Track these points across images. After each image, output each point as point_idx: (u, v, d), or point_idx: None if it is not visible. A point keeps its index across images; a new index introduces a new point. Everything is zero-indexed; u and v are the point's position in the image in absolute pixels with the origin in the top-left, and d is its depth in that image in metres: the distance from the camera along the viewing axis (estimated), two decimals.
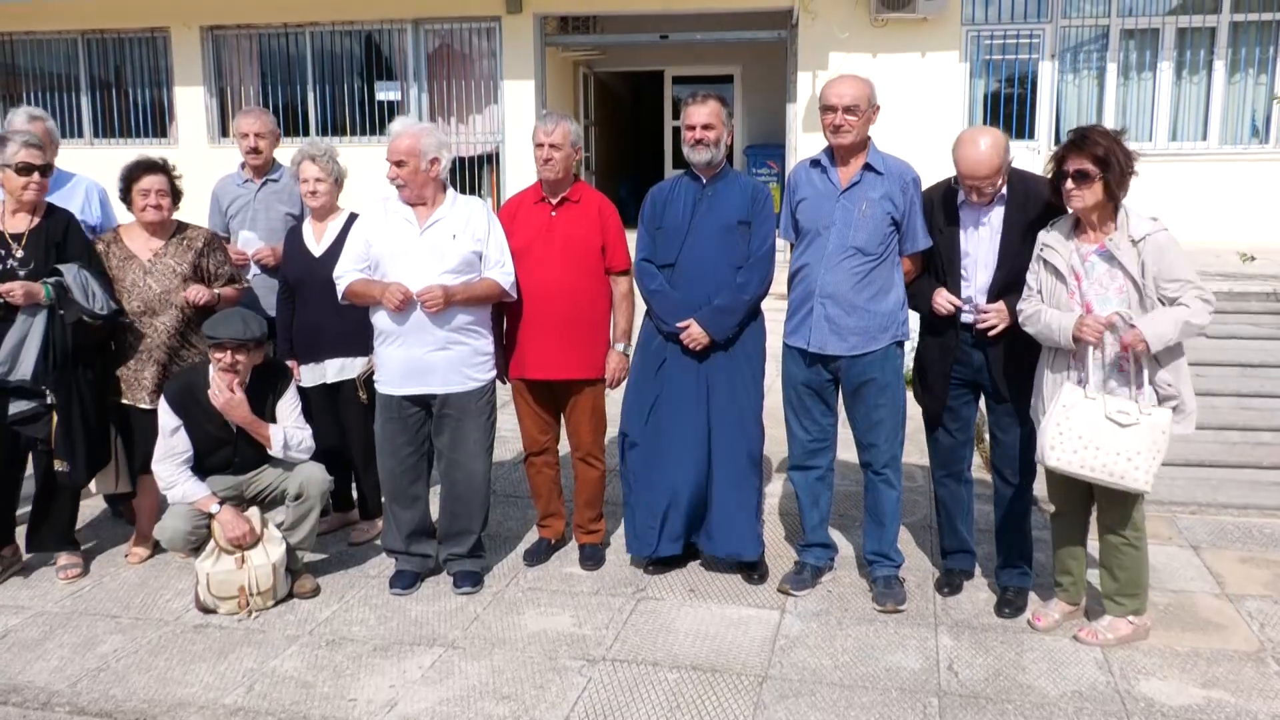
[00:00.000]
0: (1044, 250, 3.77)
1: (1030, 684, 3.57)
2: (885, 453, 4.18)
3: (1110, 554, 3.84)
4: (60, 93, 12.88)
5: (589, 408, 4.48)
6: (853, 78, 4.05)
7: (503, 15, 11.50)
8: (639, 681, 3.61)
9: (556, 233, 4.35)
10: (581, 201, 4.41)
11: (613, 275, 4.43)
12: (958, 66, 10.56)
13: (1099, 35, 10.45)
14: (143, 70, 12.59)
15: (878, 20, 10.48)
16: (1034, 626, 3.96)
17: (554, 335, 4.33)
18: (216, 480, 4.25)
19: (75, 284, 4.24)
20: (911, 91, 10.45)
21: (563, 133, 4.29)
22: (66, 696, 3.57)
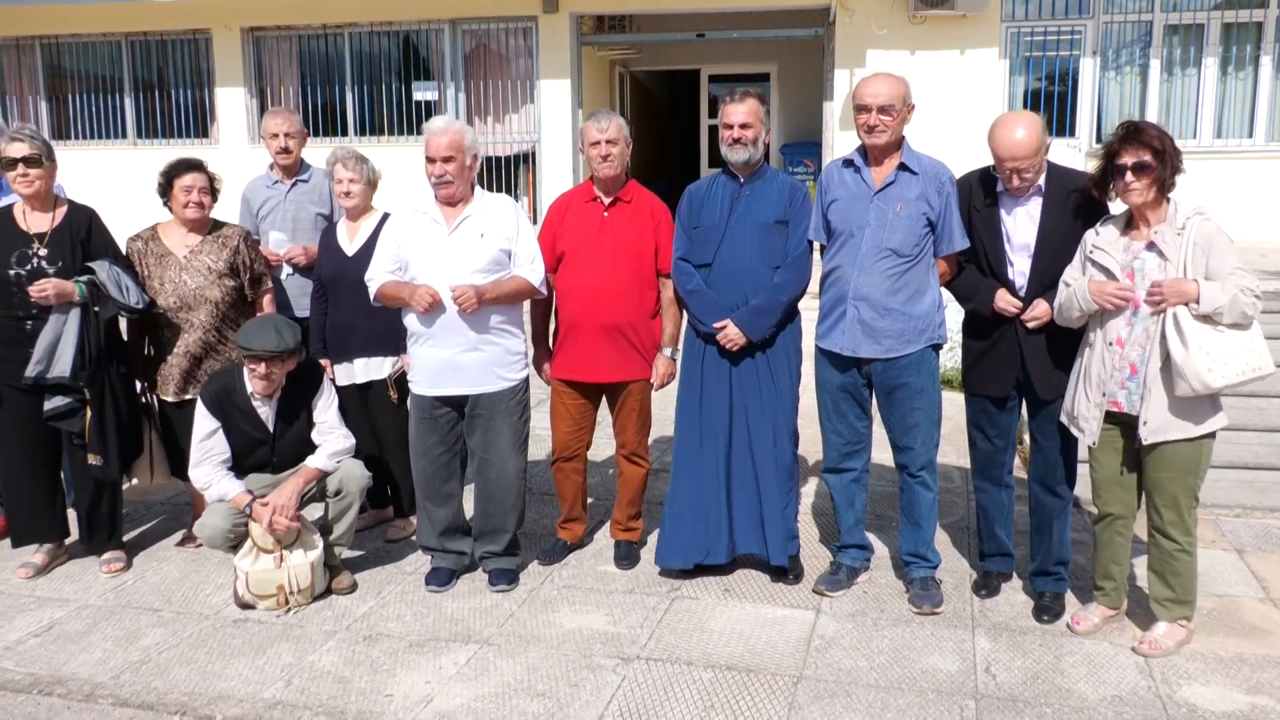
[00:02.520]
0: (1094, 252, 3.68)
1: (1069, 688, 3.53)
2: (921, 455, 4.15)
3: (1164, 560, 3.76)
4: (104, 94, 13.09)
5: (636, 407, 4.49)
6: (887, 76, 4.02)
7: (539, 15, 11.54)
8: (673, 680, 3.62)
9: (608, 234, 4.35)
10: (634, 202, 4.41)
11: (663, 278, 4.43)
12: (997, 64, 10.46)
13: (1142, 31, 10.31)
14: (184, 72, 12.76)
15: (916, 17, 10.41)
16: (1073, 630, 3.92)
17: (603, 337, 4.33)
18: (255, 479, 4.30)
19: (109, 280, 4.33)
20: (950, 89, 10.37)
21: (616, 128, 4.30)
22: (109, 688, 3.63)
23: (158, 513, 5.36)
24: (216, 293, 4.52)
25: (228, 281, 4.56)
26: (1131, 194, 3.57)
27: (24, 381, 4.30)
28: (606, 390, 4.48)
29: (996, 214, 3.95)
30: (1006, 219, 3.95)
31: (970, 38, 10.41)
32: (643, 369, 4.43)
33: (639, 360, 4.41)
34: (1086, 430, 3.75)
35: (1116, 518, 3.87)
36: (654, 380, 4.46)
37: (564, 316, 4.40)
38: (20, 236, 4.36)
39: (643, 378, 4.44)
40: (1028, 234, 3.91)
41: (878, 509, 5.06)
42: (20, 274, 4.30)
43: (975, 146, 10.44)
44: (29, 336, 4.30)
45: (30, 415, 4.39)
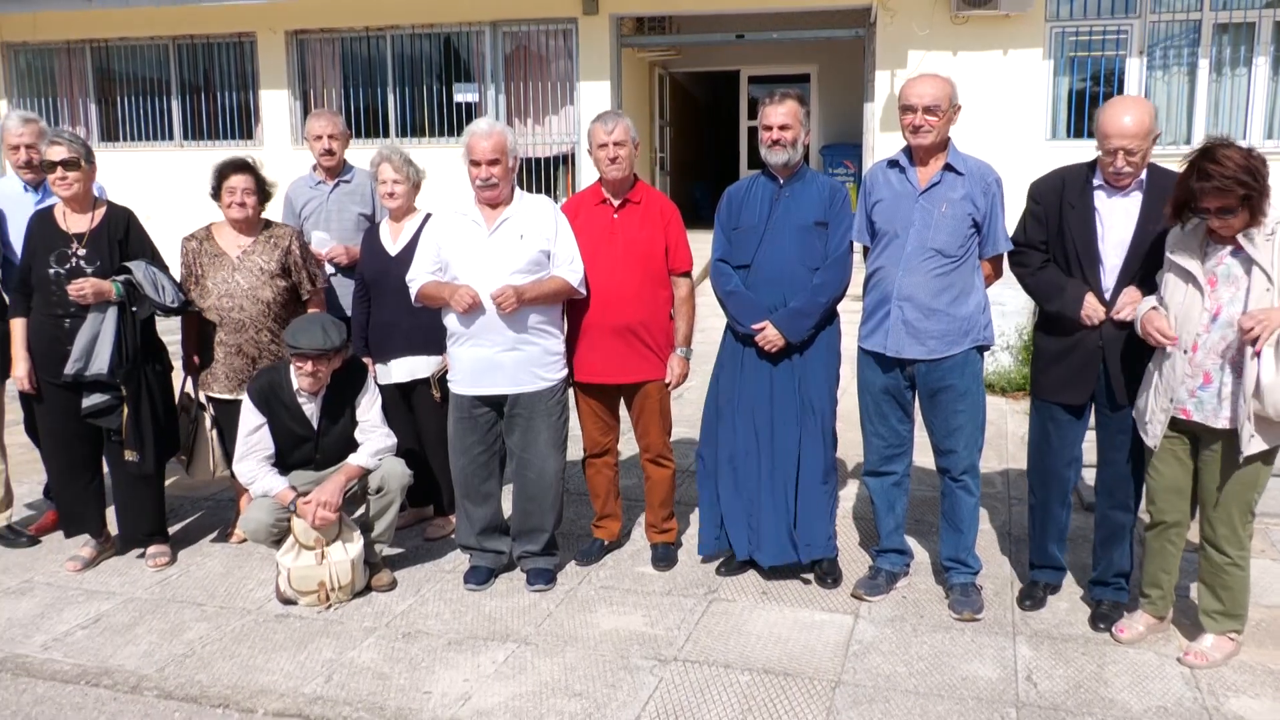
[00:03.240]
0: (1174, 253, 3.55)
1: (1113, 698, 3.48)
2: (964, 459, 4.11)
3: (1215, 573, 3.67)
4: (151, 96, 13.31)
5: (655, 409, 4.48)
6: (933, 77, 3.99)
7: (579, 16, 11.59)
8: (710, 683, 3.61)
9: (619, 235, 4.35)
10: (644, 203, 4.41)
11: (674, 277, 4.43)
12: (1041, 64, 10.35)
13: (1190, 30, 10.16)
14: (230, 74, 12.95)
15: (958, 17, 10.33)
16: (1116, 638, 3.85)
17: (617, 339, 4.34)
18: (298, 475, 4.35)
19: (145, 279, 4.41)
20: (992, 90, 10.28)
21: (623, 129, 4.30)
22: (154, 681, 3.69)
23: (201, 508, 5.43)
24: (268, 293, 4.58)
25: (279, 282, 4.61)
26: (1222, 230, 3.39)
27: (63, 378, 4.38)
28: (623, 391, 4.49)
29: (1091, 209, 3.81)
30: (1102, 214, 3.80)
31: (1014, 38, 10.31)
32: (658, 369, 4.42)
33: (654, 361, 4.41)
34: (1150, 434, 3.66)
35: (1170, 526, 3.78)
36: (669, 380, 4.46)
37: (577, 319, 4.41)
38: (60, 236, 4.45)
39: (658, 378, 4.44)
40: (1124, 230, 3.75)
41: (918, 513, 5.02)
42: (60, 273, 4.39)
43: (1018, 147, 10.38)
44: (68, 335, 4.39)
45: (71, 412, 4.48)
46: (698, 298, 4.55)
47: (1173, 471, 3.69)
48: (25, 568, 4.68)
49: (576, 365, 4.44)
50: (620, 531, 4.80)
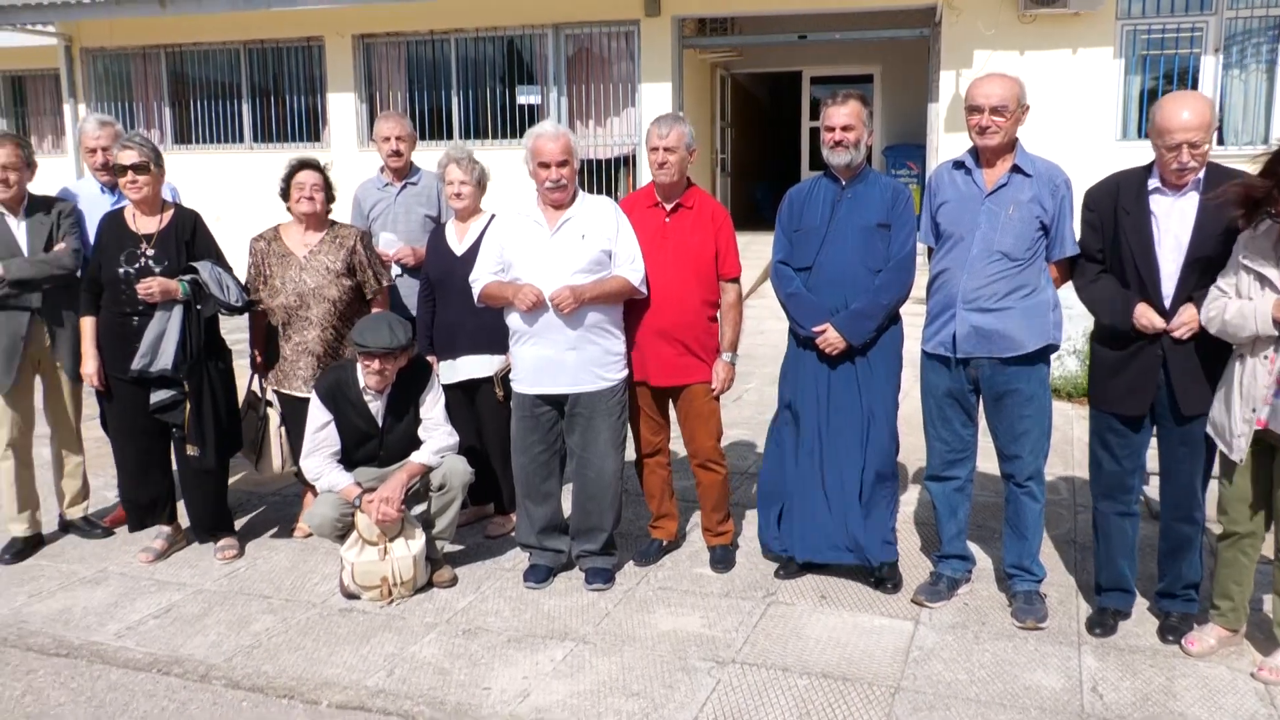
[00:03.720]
0: (1248, 259, 3.46)
1: (1183, 712, 3.40)
2: (1029, 465, 4.04)
3: None
4: (223, 100, 13.60)
5: (704, 413, 4.47)
6: (1001, 76, 3.93)
7: (641, 19, 11.61)
8: (768, 685, 3.59)
9: (670, 239, 4.35)
10: (695, 208, 4.41)
11: (723, 283, 4.42)
12: (1112, 63, 10.14)
13: (1269, 26, 9.88)
14: (298, 78, 13.19)
15: (1026, 16, 10.16)
16: (1186, 651, 3.76)
17: (663, 341, 4.34)
18: (363, 472, 4.41)
19: (211, 279, 4.52)
20: (1061, 90, 10.09)
21: (677, 135, 4.29)
22: (223, 670, 3.77)
23: (267, 503, 5.54)
24: (334, 291, 4.66)
25: (344, 281, 4.69)
26: None
27: (130, 374, 4.50)
28: (670, 394, 4.49)
29: (1147, 214, 3.69)
30: (1159, 219, 3.67)
31: (1083, 36, 10.12)
32: (704, 372, 4.41)
33: (699, 364, 4.40)
34: (1235, 447, 3.54)
35: (1243, 536, 3.67)
36: (714, 385, 4.44)
37: (626, 321, 4.41)
38: (129, 237, 4.57)
39: (704, 381, 4.42)
40: (1181, 234, 3.63)
41: (981, 519, 4.95)
42: (129, 272, 4.51)
43: (1088, 148, 10.18)
44: (135, 332, 4.50)
45: (138, 407, 4.59)
46: (758, 300, 4.53)
47: (1246, 482, 3.60)
48: (100, 558, 4.81)
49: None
50: (678, 532, 4.81)
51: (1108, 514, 4.00)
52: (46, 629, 4.10)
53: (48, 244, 4.72)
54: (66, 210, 4.85)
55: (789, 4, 11.19)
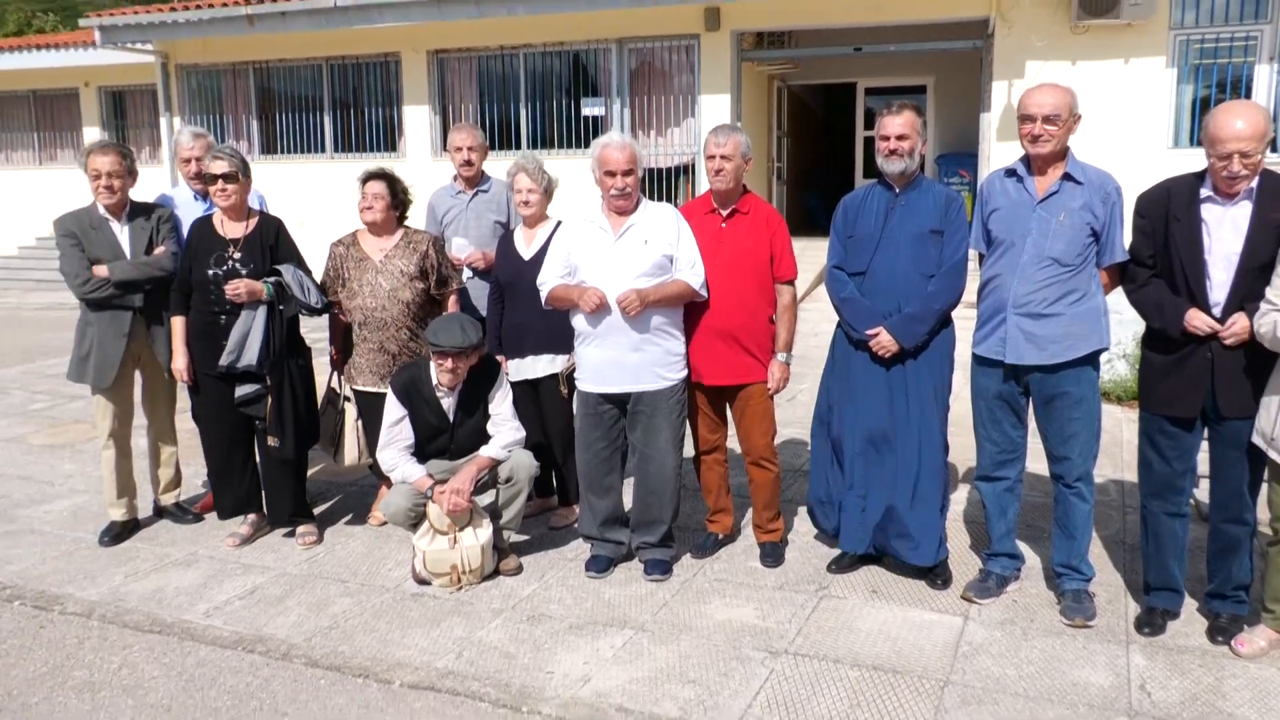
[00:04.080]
0: None
1: (1232, 712, 3.30)
2: (1078, 466, 3.96)
3: None
4: (306, 112, 13.86)
5: (758, 412, 4.44)
6: (1054, 86, 3.86)
7: (701, 33, 11.59)
8: (820, 676, 3.57)
9: (726, 244, 4.33)
10: (751, 213, 4.38)
11: (778, 285, 4.39)
12: (1164, 72, 9.90)
13: None
14: (376, 92, 13.39)
15: (1078, 27, 9.96)
16: (1236, 652, 3.65)
17: (720, 342, 4.33)
18: (434, 464, 4.46)
19: (293, 282, 4.60)
20: (1112, 99, 9.88)
21: (734, 144, 4.27)
22: (303, 650, 3.83)
23: (345, 492, 5.63)
24: (408, 293, 4.72)
25: (417, 284, 4.75)
26: None
27: (217, 370, 4.60)
28: (726, 394, 4.47)
29: (1198, 222, 3.57)
30: (1210, 227, 3.56)
31: (1136, 46, 9.89)
32: (760, 373, 4.38)
33: (755, 365, 4.37)
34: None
35: None
36: (770, 385, 4.41)
37: (685, 322, 4.40)
38: (218, 242, 4.66)
39: (759, 380, 4.40)
40: (1233, 243, 3.52)
41: (1030, 519, 4.86)
42: (218, 274, 4.61)
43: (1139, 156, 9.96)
44: (223, 330, 4.60)
45: (224, 401, 4.69)
46: (813, 304, 4.50)
47: None
48: (191, 542, 4.93)
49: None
50: (733, 526, 4.79)
51: (1158, 514, 3.89)
52: (141, 607, 4.21)
53: (148, 247, 4.84)
54: (165, 215, 4.97)
55: (845, 18, 11.09)
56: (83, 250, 4.74)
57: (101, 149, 4.78)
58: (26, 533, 5.07)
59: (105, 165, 4.72)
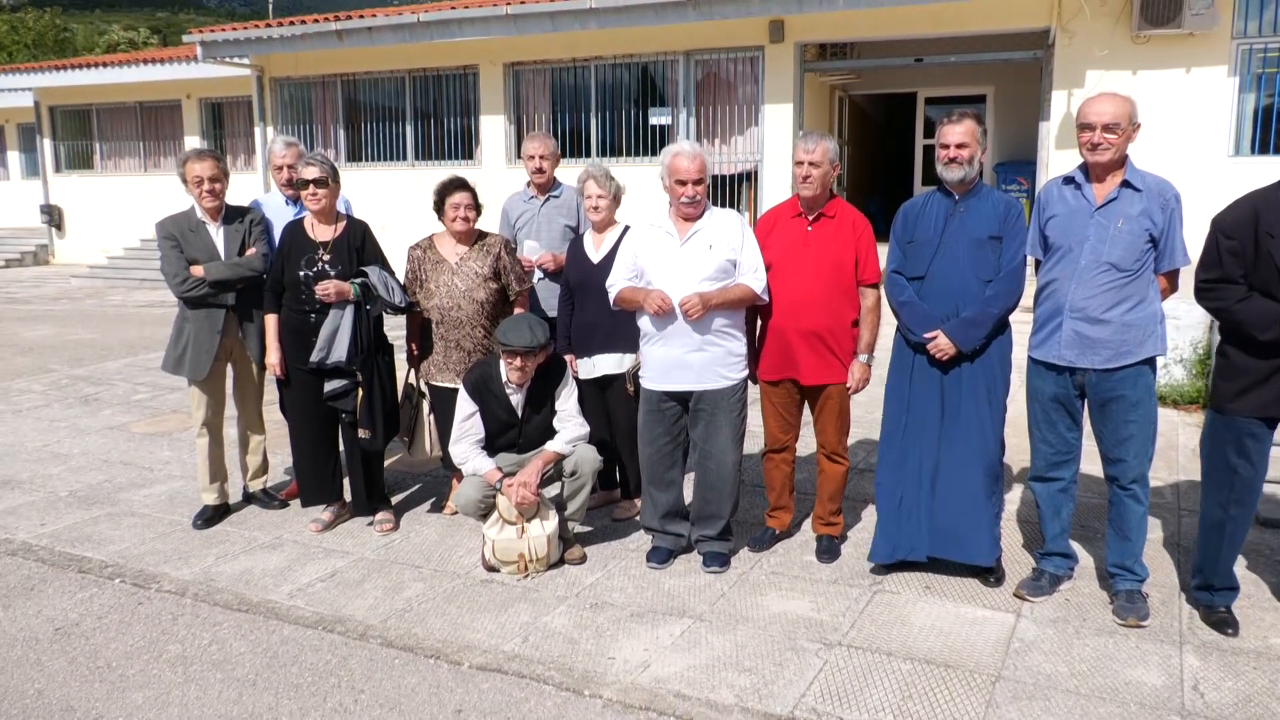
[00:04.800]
0: None
1: None
2: (1134, 469, 3.85)
3: None
4: (389, 123, 14.09)
5: (836, 409, 4.41)
6: (1113, 95, 3.75)
7: (766, 44, 11.52)
8: (873, 668, 3.52)
9: (811, 247, 4.30)
10: (837, 217, 4.34)
11: (862, 288, 4.34)
12: (1225, 81, 9.57)
13: None
14: (455, 102, 13.55)
15: (1139, 37, 9.68)
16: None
17: (803, 342, 4.29)
18: (503, 458, 4.49)
19: (379, 282, 4.66)
20: (1173, 108, 9.58)
21: (822, 151, 4.24)
22: (378, 631, 3.90)
23: (420, 482, 5.70)
24: (482, 294, 4.77)
25: (491, 284, 4.80)
26: None
27: (308, 365, 4.69)
28: (807, 392, 4.42)
29: None
30: None
31: (1197, 56, 9.58)
32: (840, 373, 4.33)
33: (837, 365, 4.32)
34: None
35: None
36: (850, 385, 4.36)
37: (770, 323, 4.37)
38: (309, 244, 4.75)
39: (840, 381, 4.35)
40: None
41: (1084, 520, 4.74)
42: (308, 275, 4.69)
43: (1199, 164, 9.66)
44: (312, 328, 4.69)
45: (313, 395, 4.78)
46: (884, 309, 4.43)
47: None
48: (277, 526, 5.04)
49: (764, 366, 4.41)
50: (791, 523, 4.75)
51: (1238, 519, 3.73)
52: (230, 587, 4.32)
53: (240, 249, 4.95)
54: (256, 219, 5.08)
55: (906, 29, 10.93)
56: (181, 251, 4.87)
57: (199, 156, 4.89)
58: (127, 515, 5.24)
59: (206, 171, 4.84)
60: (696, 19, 11.03)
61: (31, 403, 7.84)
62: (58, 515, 5.23)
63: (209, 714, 3.34)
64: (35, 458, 6.30)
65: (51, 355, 9.90)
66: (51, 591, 4.32)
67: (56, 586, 4.37)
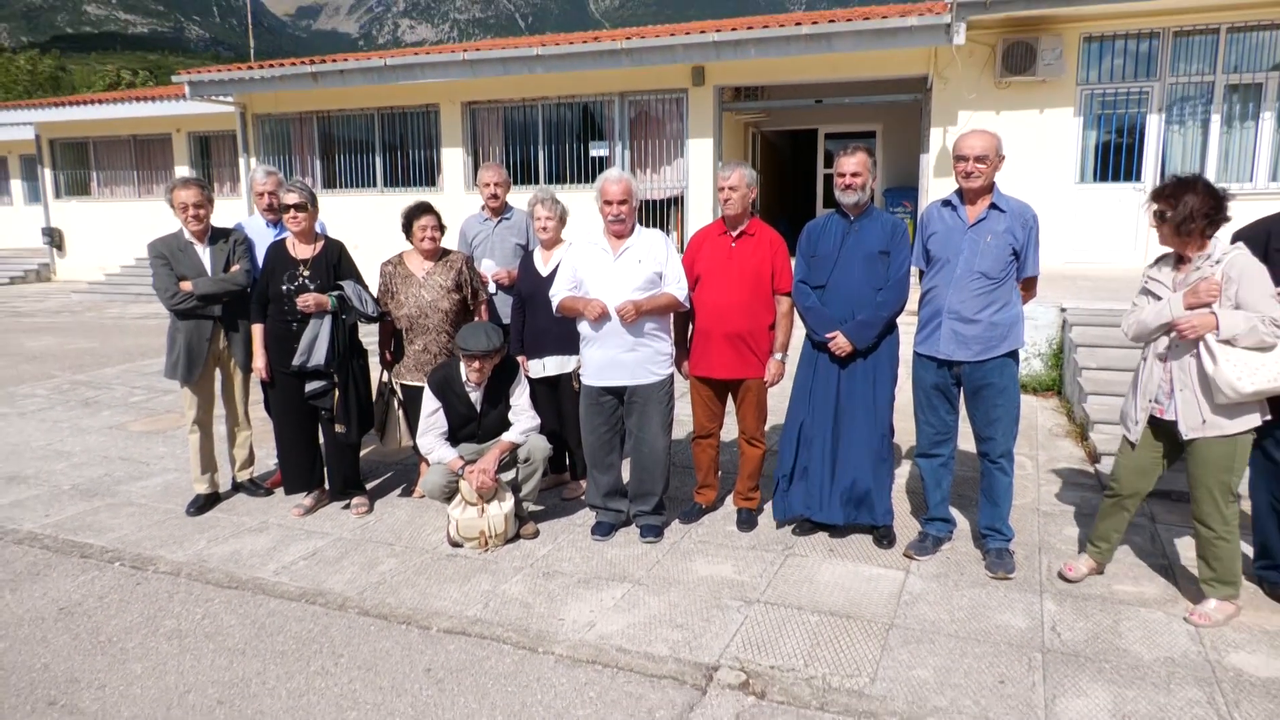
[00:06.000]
0: (1149, 283, 3.51)
1: (1126, 648, 3.30)
2: (1001, 445, 3.95)
3: (1205, 545, 3.50)
4: (360, 154, 13.83)
5: (755, 400, 4.44)
6: (982, 132, 3.85)
7: (689, 87, 11.58)
8: (786, 621, 3.56)
9: (734, 260, 4.32)
10: (757, 235, 4.36)
11: (778, 295, 4.38)
12: (1072, 120, 9.88)
13: (1204, 90, 9.56)
14: (419, 136, 13.35)
15: (1001, 83, 9.94)
16: (1065, 577, 3.80)
17: (728, 343, 4.31)
18: (465, 447, 4.44)
19: (353, 295, 4.58)
20: (1030, 142, 9.86)
21: (738, 176, 4.27)
22: (356, 602, 3.82)
23: (392, 470, 5.61)
24: (446, 304, 4.71)
25: (454, 295, 4.73)
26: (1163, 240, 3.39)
27: (290, 369, 4.59)
28: (730, 385, 4.45)
29: None
30: None
31: (1049, 99, 9.88)
32: (759, 369, 4.37)
33: (756, 362, 4.36)
34: (1133, 430, 3.55)
35: (1127, 497, 3.68)
36: (767, 379, 4.40)
37: (698, 326, 4.39)
38: (290, 261, 4.65)
39: (758, 376, 4.39)
40: None
41: (960, 489, 4.86)
42: (290, 289, 4.59)
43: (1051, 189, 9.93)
44: (295, 336, 4.58)
45: (295, 394, 4.67)
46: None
47: (1142, 455, 3.61)
48: (263, 512, 4.91)
49: (693, 363, 4.43)
50: (716, 498, 4.78)
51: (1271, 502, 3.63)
52: (221, 567, 4.20)
53: (225, 265, 4.82)
54: (240, 238, 4.95)
55: (807, 75, 11.07)
56: (171, 269, 4.72)
57: (184, 184, 4.75)
58: (125, 505, 5.06)
59: (191, 198, 4.70)
60: (630, 65, 11.05)
61: (36, 405, 7.52)
62: (61, 507, 5.03)
63: (202, 681, 3.24)
64: (40, 455, 6.05)
65: (54, 363, 9.51)
66: (56, 575, 4.15)
67: (60, 571, 4.20)
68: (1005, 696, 3.02)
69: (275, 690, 3.17)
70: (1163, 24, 9.45)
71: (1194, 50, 9.49)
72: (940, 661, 3.24)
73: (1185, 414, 3.40)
